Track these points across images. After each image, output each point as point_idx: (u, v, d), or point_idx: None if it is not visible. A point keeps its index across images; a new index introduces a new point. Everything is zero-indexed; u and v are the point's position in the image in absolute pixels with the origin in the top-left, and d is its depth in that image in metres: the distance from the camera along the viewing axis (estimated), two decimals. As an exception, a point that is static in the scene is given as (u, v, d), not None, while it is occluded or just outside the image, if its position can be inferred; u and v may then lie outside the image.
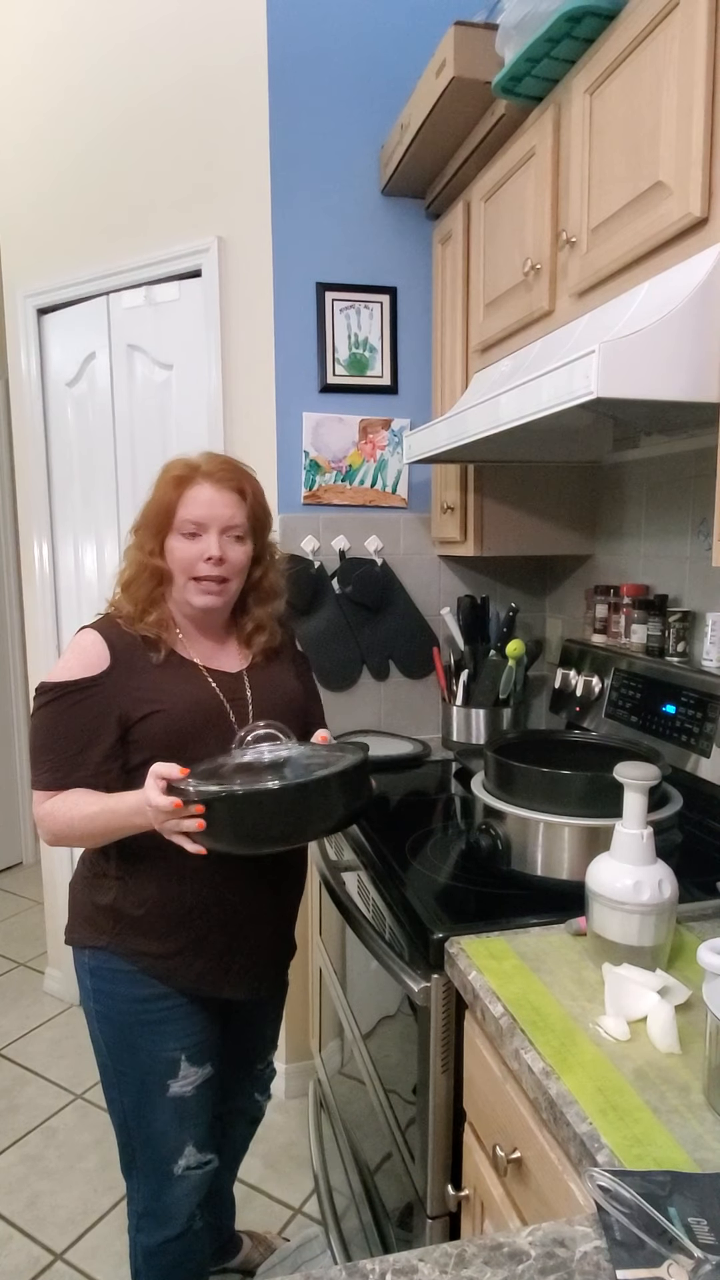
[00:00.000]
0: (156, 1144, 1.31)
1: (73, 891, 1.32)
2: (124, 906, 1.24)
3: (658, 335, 1.03)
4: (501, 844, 1.25)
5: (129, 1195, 1.38)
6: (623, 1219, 0.64)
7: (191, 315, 2.12)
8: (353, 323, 2.04)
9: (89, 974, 1.27)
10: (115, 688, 1.19)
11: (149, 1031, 1.26)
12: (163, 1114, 1.30)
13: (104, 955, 1.25)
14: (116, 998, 1.25)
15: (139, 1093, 1.29)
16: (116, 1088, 1.31)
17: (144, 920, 1.23)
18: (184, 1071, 1.28)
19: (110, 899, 1.25)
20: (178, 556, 1.23)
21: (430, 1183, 1.12)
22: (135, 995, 1.25)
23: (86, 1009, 1.30)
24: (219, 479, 1.24)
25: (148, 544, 1.25)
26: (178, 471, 1.25)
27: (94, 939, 1.26)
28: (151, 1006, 1.25)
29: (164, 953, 1.24)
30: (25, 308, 2.44)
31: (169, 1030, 1.26)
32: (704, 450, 1.58)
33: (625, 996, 0.90)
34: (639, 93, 1.17)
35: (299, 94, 1.94)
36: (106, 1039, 1.28)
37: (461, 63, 1.51)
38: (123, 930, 1.24)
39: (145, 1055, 1.27)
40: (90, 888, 1.28)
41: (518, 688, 1.98)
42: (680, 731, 1.47)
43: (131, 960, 1.24)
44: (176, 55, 2.06)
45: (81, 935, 1.28)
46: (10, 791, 3.80)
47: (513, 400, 1.24)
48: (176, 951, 1.24)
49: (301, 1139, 2.06)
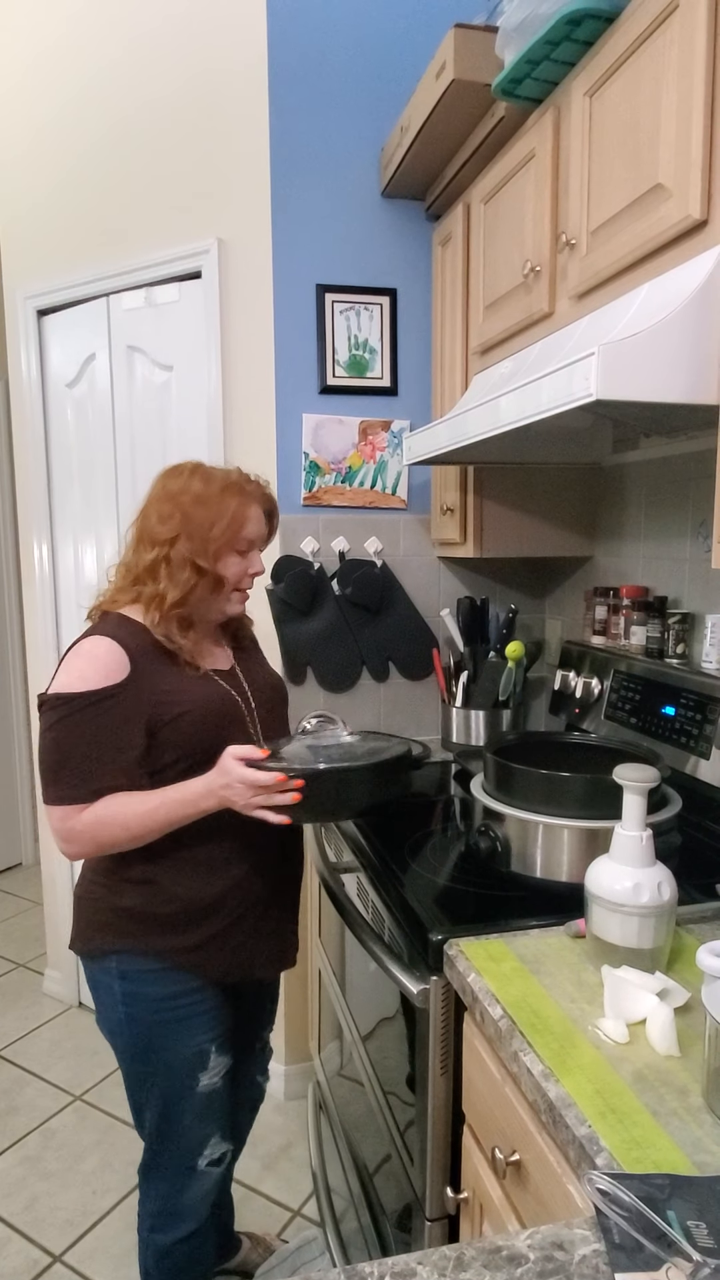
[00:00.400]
0: (184, 1141, 1.33)
1: (84, 901, 1.30)
2: (152, 906, 1.24)
3: (657, 337, 1.03)
4: (501, 846, 1.25)
5: (144, 1195, 1.39)
6: (622, 1222, 0.63)
7: (192, 317, 2.12)
8: (352, 324, 2.04)
9: (118, 979, 1.26)
10: (139, 694, 1.18)
11: (180, 1028, 1.27)
12: (192, 1109, 1.31)
13: (130, 958, 1.25)
14: (147, 998, 1.25)
15: (170, 1092, 1.30)
16: (145, 1091, 1.31)
17: (174, 916, 1.24)
18: (212, 1063, 1.31)
19: (136, 901, 1.24)
20: (232, 571, 1.28)
21: (429, 1185, 1.12)
22: (166, 993, 1.26)
23: (112, 1016, 1.28)
24: (263, 498, 1.33)
25: (207, 558, 1.24)
26: (241, 489, 1.28)
27: (117, 944, 1.25)
28: (181, 1002, 1.27)
29: (196, 944, 1.26)
30: (25, 309, 2.44)
31: (198, 1023, 1.28)
32: (703, 452, 1.58)
33: (624, 999, 0.90)
34: (638, 95, 1.17)
35: (299, 96, 1.94)
36: (136, 1042, 1.28)
37: (461, 65, 1.51)
38: (151, 930, 1.24)
39: (175, 1053, 1.28)
40: (109, 893, 1.26)
41: (517, 689, 1.98)
42: (680, 733, 1.47)
43: (161, 958, 1.25)
44: (177, 58, 2.06)
45: (102, 942, 1.26)
46: (10, 792, 3.80)
47: (513, 402, 1.24)
48: (208, 941, 1.26)
49: (300, 1140, 2.06)
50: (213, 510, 1.24)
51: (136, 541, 1.28)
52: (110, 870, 1.26)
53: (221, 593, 1.28)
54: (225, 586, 1.28)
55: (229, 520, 1.25)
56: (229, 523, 1.25)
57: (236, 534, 1.26)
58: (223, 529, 1.24)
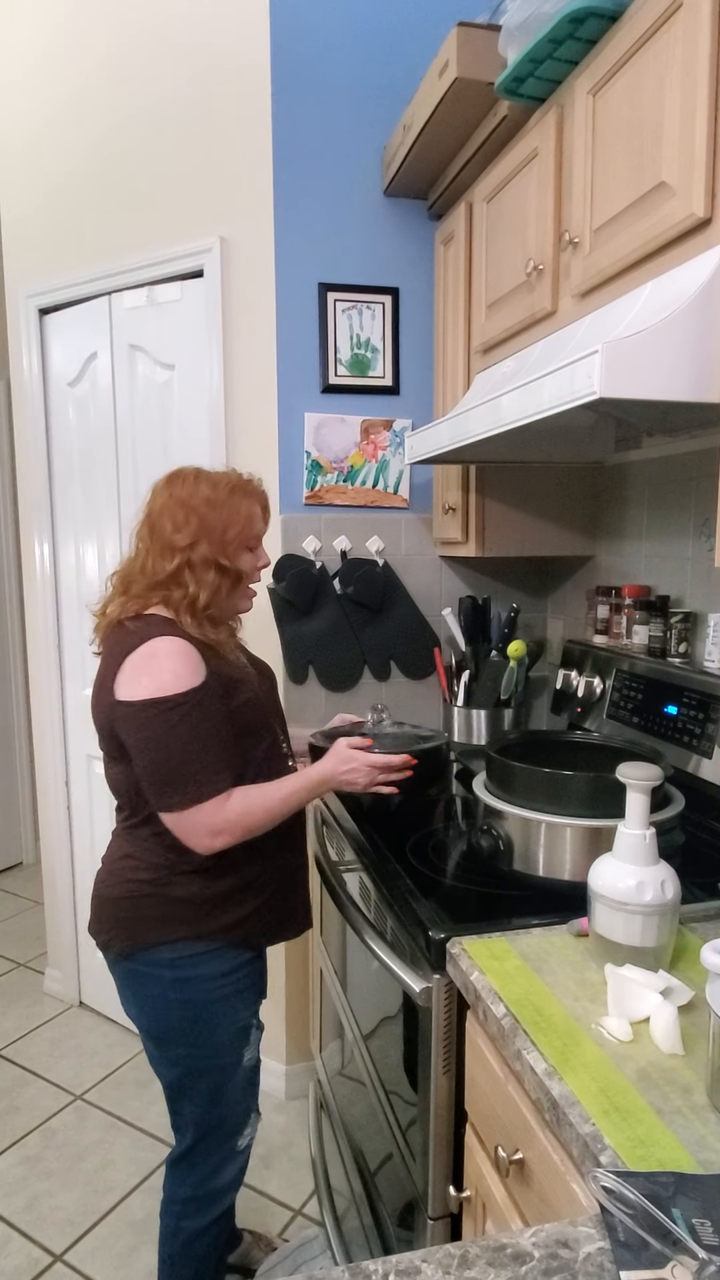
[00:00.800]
0: (230, 1120, 1.39)
1: (128, 900, 1.32)
2: (207, 892, 1.30)
3: (661, 336, 1.03)
4: (503, 844, 1.25)
5: (177, 1183, 1.42)
6: (626, 1220, 0.63)
7: (193, 315, 2.12)
8: (355, 323, 2.04)
9: (168, 967, 1.30)
10: (218, 684, 1.27)
11: (230, 1004, 1.34)
12: (238, 1086, 1.38)
13: (184, 945, 1.30)
14: (201, 980, 1.31)
15: (219, 1071, 1.35)
16: (196, 1074, 1.35)
17: (228, 896, 1.32)
18: (253, 1037, 1.40)
19: (191, 889, 1.30)
20: (246, 567, 1.35)
21: (431, 1183, 1.11)
22: (220, 969, 1.32)
23: (160, 1005, 1.32)
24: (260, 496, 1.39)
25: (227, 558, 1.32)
26: (244, 489, 1.35)
27: (172, 933, 1.30)
28: (230, 979, 1.33)
29: (245, 916, 1.34)
30: (27, 307, 2.44)
31: (244, 998, 1.37)
32: (706, 451, 1.58)
33: (628, 997, 0.90)
34: (642, 94, 1.17)
35: (301, 95, 1.94)
36: (187, 1025, 1.32)
37: (464, 64, 1.51)
38: (206, 914, 1.30)
39: (224, 1031, 1.34)
40: (163, 886, 1.30)
41: (519, 688, 1.98)
42: (682, 732, 1.47)
43: (212, 939, 1.31)
44: (180, 55, 2.06)
45: (156, 933, 1.30)
46: (10, 792, 3.80)
47: (515, 401, 1.24)
48: (251, 914, 1.35)
49: (301, 1140, 2.06)
50: (226, 512, 1.31)
51: (151, 550, 1.31)
52: (162, 865, 1.30)
53: (240, 589, 1.36)
54: (243, 582, 1.36)
55: (243, 519, 1.32)
56: (243, 522, 1.32)
57: (249, 531, 1.33)
58: (238, 529, 1.32)
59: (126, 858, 1.33)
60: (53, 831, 2.67)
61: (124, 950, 1.32)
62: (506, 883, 1.23)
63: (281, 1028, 2.17)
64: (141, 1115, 2.15)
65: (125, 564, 1.35)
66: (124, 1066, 2.35)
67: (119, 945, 1.33)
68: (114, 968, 1.36)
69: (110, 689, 1.24)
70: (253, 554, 1.36)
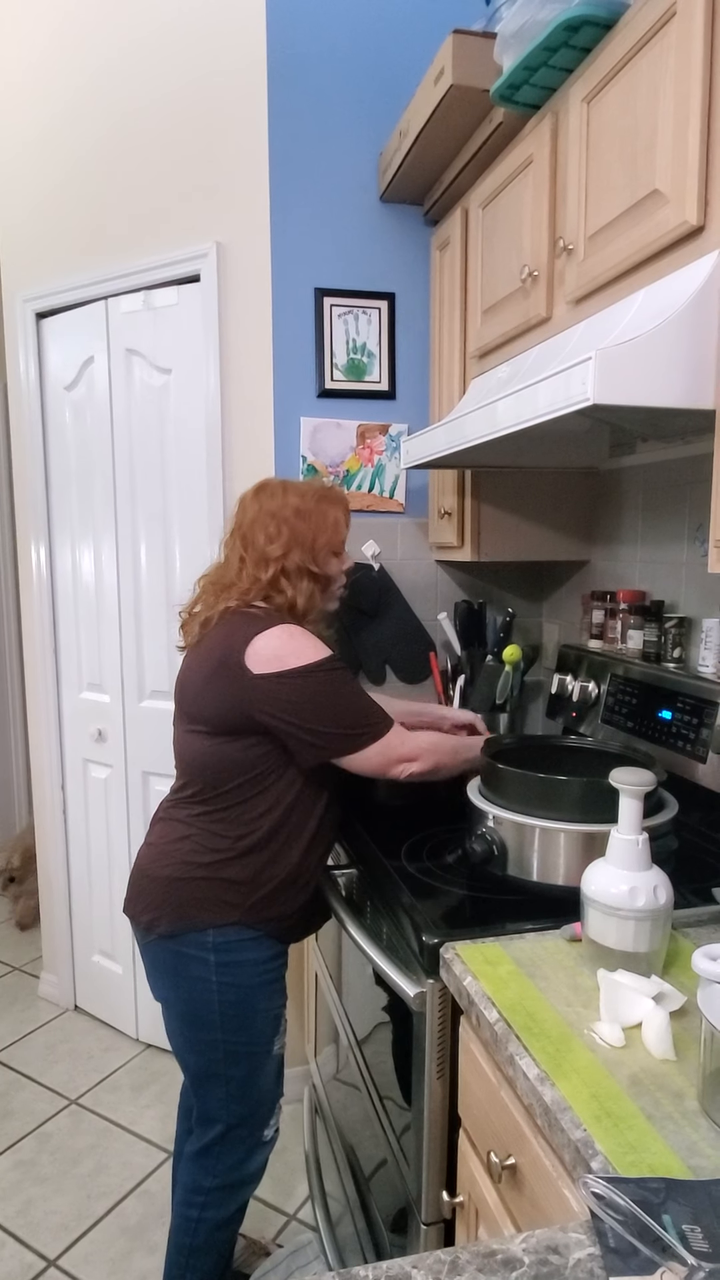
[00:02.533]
0: (259, 1107, 1.42)
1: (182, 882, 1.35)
2: (263, 877, 1.35)
3: (654, 342, 1.03)
4: (497, 849, 1.25)
5: (204, 1173, 1.43)
6: (617, 1226, 0.63)
7: (190, 320, 2.12)
8: (351, 328, 2.04)
9: (212, 950, 1.33)
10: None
11: (267, 991, 1.38)
12: (268, 1075, 1.42)
13: (231, 929, 1.33)
14: (244, 965, 1.35)
15: (252, 1059, 1.38)
16: (226, 1063, 1.37)
17: (277, 889, 1.36)
18: (283, 1025, 1.44)
19: (250, 872, 1.34)
20: (334, 571, 1.44)
21: (425, 1189, 1.11)
22: (261, 957, 1.36)
23: (204, 985, 1.34)
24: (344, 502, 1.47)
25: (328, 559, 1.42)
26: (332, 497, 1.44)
27: (222, 916, 1.33)
28: (270, 965, 1.38)
29: (287, 914, 1.39)
30: (24, 311, 2.44)
31: (278, 987, 1.41)
32: (700, 456, 1.58)
33: (620, 1003, 0.90)
34: (636, 101, 1.17)
35: (298, 100, 1.95)
36: (228, 1009, 1.35)
37: (460, 71, 1.52)
38: (257, 901, 1.34)
39: (261, 1017, 1.38)
40: (220, 867, 1.34)
41: (514, 693, 1.98)
42: (676, 737, 1.48)
43: (259, 926, 1.35)
44: (176, 61, 2.06)
45: (205, 917, 1.33)
46: (5, 795, 3.79)
47: (510, 406, 1.24)
48: (296, 910, 1.40)
49: (296, 1145, 2.05)
50: (314, 521, 1.40)
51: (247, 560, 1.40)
52: (217, 848, 1.34)
53: (329, 592, 1.45)
54: (332, 586, 1.45)
55: (330, 527, 1.41)
56: (330, 529, 1.41)
57: (336, 538, 1.42)
58: (326, 536, 1.40)
59: (184, 839, 1.37)
60: (48, 835, 2.66)
61: (171, 930, 1.34)
62: (500, 887, 1.23)
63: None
64: (136, 1120, 2.15)
65: (216, 571, 1.44)
66: (119, 1071, 2.35)
67: (167, 924, 1.34)
68: (155, 947, 1.37)
69: (236, 667, 1.30)
70: (339, 559, 1.44)
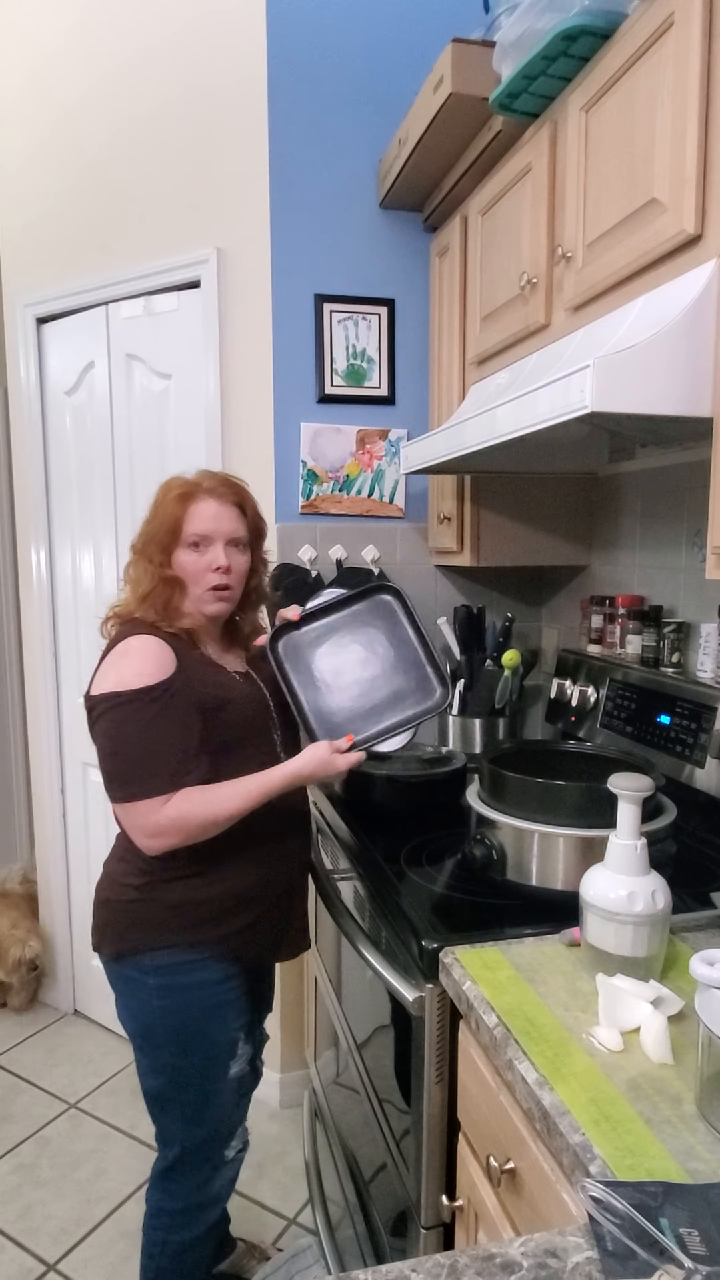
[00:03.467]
0: (215, 1131, 1.37)
1: (117, 904, 1.32)
2: (196, 898, 1.28)
3: (652, 350, 1.04)
4: (496, 854, 1.25)
5: (165, 1195, 1.40)
6: (615, 1230, 0.64)
7: (190, 325, 2.13)
8: (350, 334, 2.05)
9: (151, 974, 1.29)
10: (187, 685, 1.24)
11: (215, 1015, 1.32)
12: (225, 1099, 1.36)
13: (171, 953, 1.28)
14: (187, 989, 1.29)
15: (205, 1082, 1.33)
16: (180, 1085, 1.33)
17: (220, 907, 1.30)
18: (240, 1050, 1.37)
19: (180, 895, 1.28)
20: (188, 568, 1.31)
21: (424, 1193, 1.12)
22: (205, 980, 1.30)
23: (145, 1010, 1.30)
24: (221, 495, 1.33)
25: (156, 557, 1.31)
26: (180, 489, 1.32)
27: (159, 940, 1.28)
28: (218, 989, 1.31)
29: (237, 930, 1.32)
30: (25, 317, 2.45)
31: (230, 1010, 1.34)
32: (698, 463, 1.59)
33: (619, 1007, 0.90)
34: (634, 110, 1.18)
35: (298, 108, 1.96)
36: (171, 1034, 1.30)
37: (459, 79, 1.53)
38: (194, 923, 1.28)
39: (211, 1042, 1.32)
40: (151, 891, 1.29)
41: (513, 698, 1.99)
42: (675, 742, 1.48)
43: (200, 949, 1.29)
44: (177, 69, 2.07)
45: (142, 940, 1.29)
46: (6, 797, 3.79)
47: (509, 412, 1.25)
48: (244, 929, 1.32)
49: (296, 1149, 2.05)
50: (158, 511, 1.32)
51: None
52: (150, 869, 1.29)
53: (185, 592, 1.31)
54: (194, 587, 1.31)
55: (165, 520, 1.30)
56: (165, 522, 1.30)
57: (176, 529, 1.30)
58: (160, 527, 1.30)
59: (121, 861, 1.33)
60: (48, 839, 2.67)
61: (112, 953, 1.32)
62: (500, 892, 1.24)
63: (276, 1036, 2.17)
64: (135, 1124, 2.14)
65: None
66: (118, 1075, 2.35)
67: (108, 948, 1.32)
68: (105, 971, 1.36)
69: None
70: (196, 553, 1.30)
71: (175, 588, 1.31)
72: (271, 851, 1.35)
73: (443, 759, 1.65)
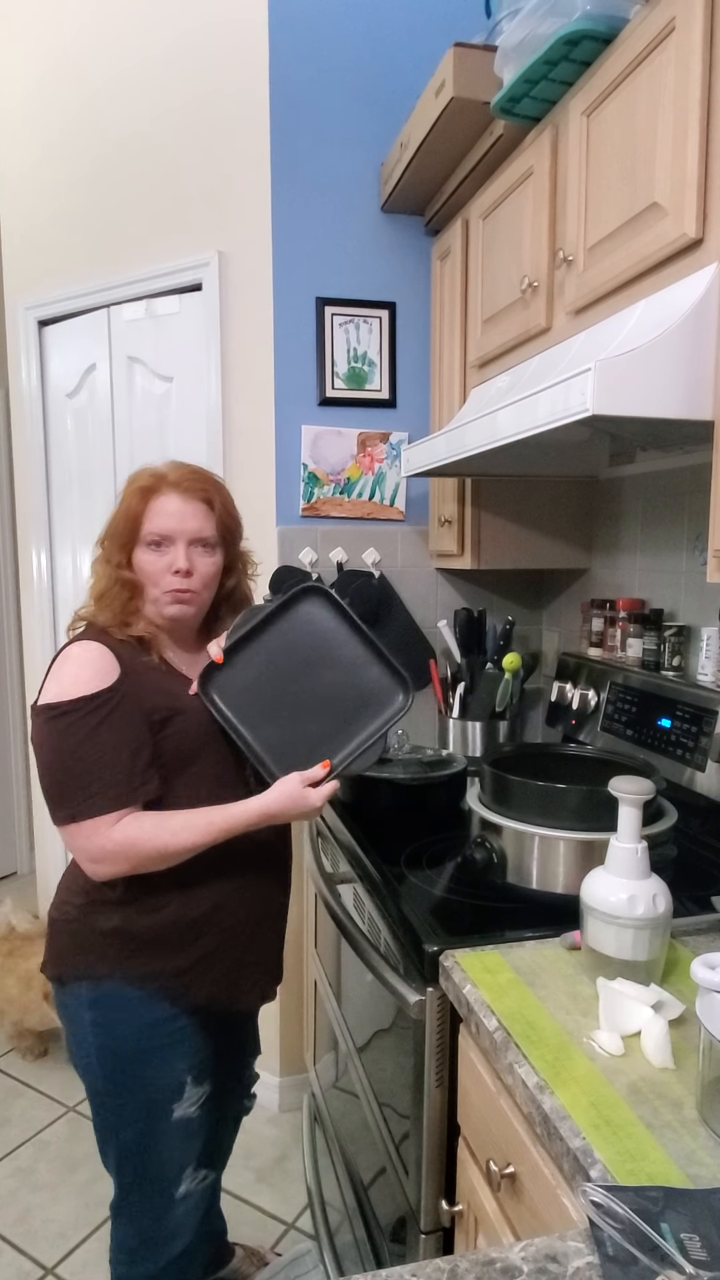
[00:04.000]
0: (159, 1172, 1.27)
1: (60, 922, 1.24)
2: (134, 927, 1.18)
3: (653, 354, 1.04)
4: (497, 857, 1.25)
5: (118, 1230, 1.32)
6: (615, 1235, 0.64)
7: (192, 328, 2.13)
8: (352, 337, 2.05)
9: (88, 1007, 1.20)
10: (133, 694, 1.15)
11: (156, 1056, 1.21)
12: (167, 1140, 1.25)
13: (109, 984, 1.19)
14: (123, 1026, 1.20)
15: (143, 1122, 1.23)
16: (116, 1122, 1.24)
17: (157, 939, 1.19)
18: (188, 1094, 1.25)
19: (116, 922, 1.18)
20: (146, 569, 1.21)
21: (424, 1197, 1.11)
22: (144, 1020, 1.20)
23: (82, 1045, 1.22)
24: (186, 489, 1.22)
25: (115, 556, 1.23)
26: (143, 482, 1.22)
27: (95, 968, 1.19)
28: (160, 1030, 1.21)
29: (178, 970, 1.20)
30: (26, 319, 2.45)
31: (176, 1052, 1.22)
32: (699, 466, 1.59)
33: (619, 1011, 0.90)
34: (635, 115, 1.18)
35: (300, 112, 1.96)
36: (108, 1072, 1.21)
37: (460, 83, 1.53)
38: (132, 953, 1.18)
39: (151, 1083, 1.22)
40: (89, 914, 1.20)
41: (514, 701, 1.98)
42: (676, 745, 1.48)
43: (140, 984, 1.19)
44: (180, 74, 2.08)
45: (78, 967, 1.20)
46: (6, 802, 3.79)
47: (510, 415, 1.25)
48: (190, 966, 1.21)
49: (295, 1153, 2.05)
50: (119, 508, 1.23)
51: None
52: (89, 889, 1.20)
53: (143, 594, 1.22)
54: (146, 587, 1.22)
55: (124, 515, 1.22)
56: (124, 517, 1.21)
57: (134, 527, 1.21)
58: (120, 523, 1.22)
59: (70, 875, 1.24)
60: (48, 842, 2.66)
61: (52, 976, 1.24)
62: (500, 895, 1.23)
63: (275, 1039, 2.17)
64: (134, 1127, 2.14)
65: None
66: (117, 1078, 2.34)
67: (49, 969, 1.24)
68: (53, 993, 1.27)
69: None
70: (155, 553, 1.20)
71: (132, 590, 1.22)
72: (228, 883, 1.23)
73: (443, 762, 1.65)
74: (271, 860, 1.32)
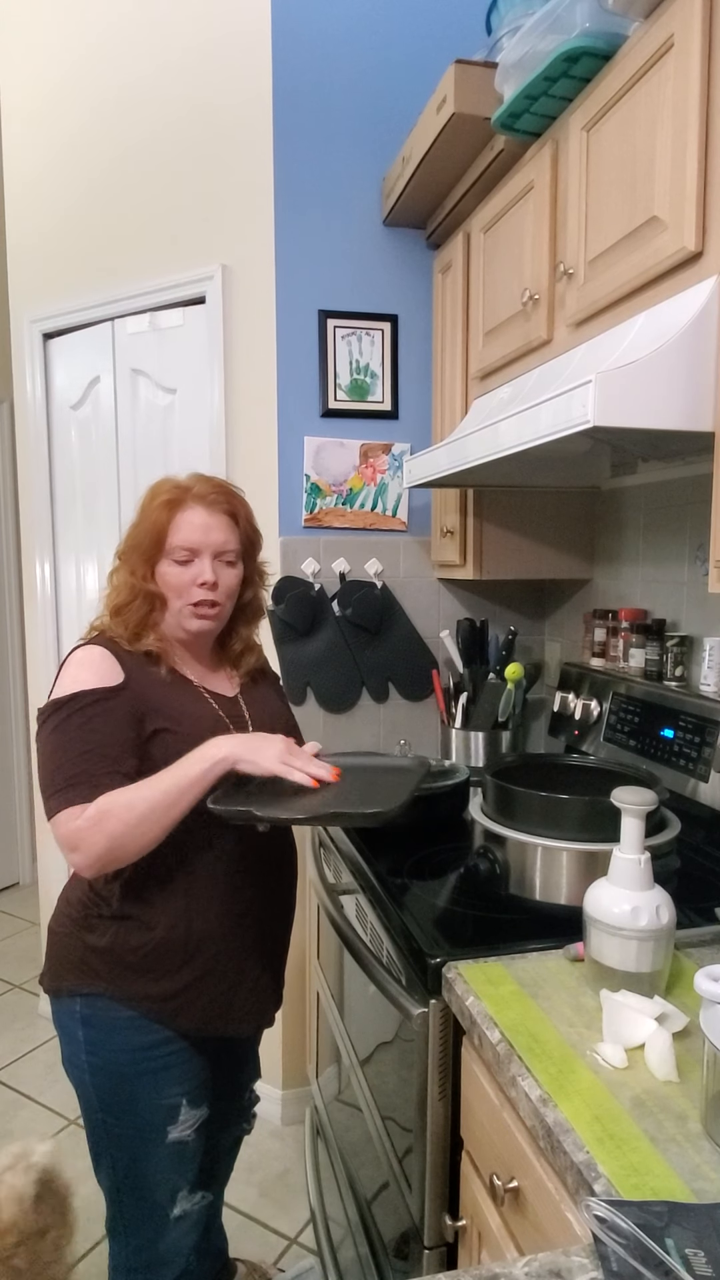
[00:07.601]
0: (152, 1195, 1.25)
1: (56, 935, 1.24)
2: (124, 946, 1.17)
3: (654, 365, 1.05)
4: (500, 868, 1.25)
5: (115, 1252, 1.31)
6: (619, 1250, 0.63)
7: (195, 341, 2.15)
8: (354, 349, 2.06)
9: (81, 1024, 1.19)
10: (135, 699, 1.15)
11: (149, 1080, 1.20)
12: (160, 1163, 1.24)
13: (100, 1002, 1.18)
14: (114, 1048, 1.18)
15: (135, 1145, 1.22)
16: (109, 1143, 1.24)
17: (147, 960, 1.17)
18: (183, 1116, 1.23)
19: (108, 940, 1.18)
20: (171, 582, 1.21)
21: (427, 1212, 1.11)
22: (136, 1043, 1.18)
23: (75, 1062, 1.21)
24: (211, 502, 1.23)
25: (139, 569, 1.22)
26: (168, 495, 1.22)
27: (87, 985, 1.18)
28: (153, 1053, 1.19)
29: (168, 994, 1.18)
30: (31, 332, 2.47)
31: (170, 1076, 1.21)
32: (700, 477, 1.59)
33: (623, 1023, 0.90)
34: (634, 130, 1.19)
35: (302, 126, 1.98)
36: (101, 1093, 1.21)
37: (462, 99, 1.55)
38: (122, 973, 1.17)
39: (144, 1105, 1.21)
40: (83, 928, 1.20)
41: (516, 711, 1.98)
42: (678, 756, 1.48)
43: (131, 1005, 1.17)
44: (185, 89, 2.10)
45: (71, 981, 1.19)
46: (8, 811, 3.79)
47: (512, 427, 1.25)
48: (180, 990, 1.19)
49: (297, 1167, 2.03)
50: (143, 520, 1.23)
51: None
52: (85, 903, 1.20)
53: (166, 606, 1.22)
54: (169, 599, 1.22)
55: (149, 528, 1.21)
56: (149, 530, 1.21)
57: (160, 541, 1.20)
58: (144, 535, 1.21)
59: (70, 886, 1.24)
60: (50, 852, 2.66)
61: (47, 987, 1.23)
62: (503, 907, 1.23)
63: (278, 1052, 2.16)
64: (136, 1141, 2.13)
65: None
66: (119, 1091, 2.33)
67: (45, 980, 1.23)
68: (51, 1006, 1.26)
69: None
70: (181, 566, 1.20)
71: (154, 602, 1.21)
72: (226, 911, 1.22)
73: (445, 772, 1.64)
74: (276, 892, 1.31)
